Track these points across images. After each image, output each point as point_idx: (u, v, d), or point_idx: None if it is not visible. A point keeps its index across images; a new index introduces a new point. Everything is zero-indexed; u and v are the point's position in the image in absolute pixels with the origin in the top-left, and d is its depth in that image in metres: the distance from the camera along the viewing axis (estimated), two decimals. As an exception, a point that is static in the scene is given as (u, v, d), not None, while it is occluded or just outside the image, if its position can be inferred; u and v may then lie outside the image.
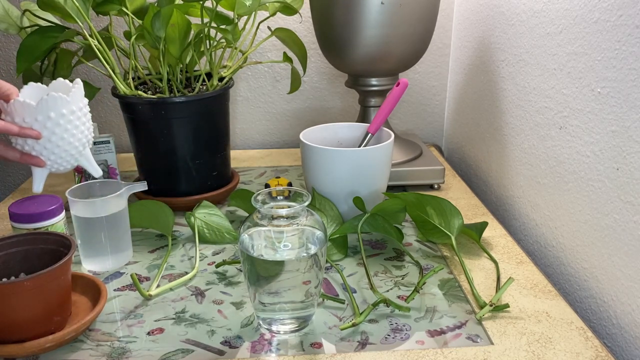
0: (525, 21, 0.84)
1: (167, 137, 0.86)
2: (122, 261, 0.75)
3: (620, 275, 0.64)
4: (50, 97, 0.66)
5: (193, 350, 0.58)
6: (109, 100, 1.17)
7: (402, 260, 0.75)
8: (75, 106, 0.68)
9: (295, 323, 0.61)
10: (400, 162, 0.95)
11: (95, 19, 1.09)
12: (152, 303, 0.66)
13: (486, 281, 0.70)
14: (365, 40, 0.88)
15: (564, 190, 0.75)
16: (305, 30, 1.13)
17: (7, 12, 0.85)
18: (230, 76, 0.92)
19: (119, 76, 0.86)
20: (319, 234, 0.60)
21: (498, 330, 0.60)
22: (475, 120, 1.06)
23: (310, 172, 0.81)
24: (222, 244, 0.80)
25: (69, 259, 0.59)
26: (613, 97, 0.64)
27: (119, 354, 0.58)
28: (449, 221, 0.76)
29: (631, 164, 0.61)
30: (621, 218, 0.64)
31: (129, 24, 0.87)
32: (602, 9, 0.65)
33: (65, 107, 0.67)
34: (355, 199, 0.76)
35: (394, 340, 0.59)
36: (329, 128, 0.88)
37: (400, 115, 1.23)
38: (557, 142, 0.77)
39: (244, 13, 0.87)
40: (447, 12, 1.15)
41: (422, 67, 1.19)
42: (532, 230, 0.85)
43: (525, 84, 0.85)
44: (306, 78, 1.18)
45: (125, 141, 1.19)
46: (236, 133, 1.21)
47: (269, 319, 0.61)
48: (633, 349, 0.63)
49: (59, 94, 0.65)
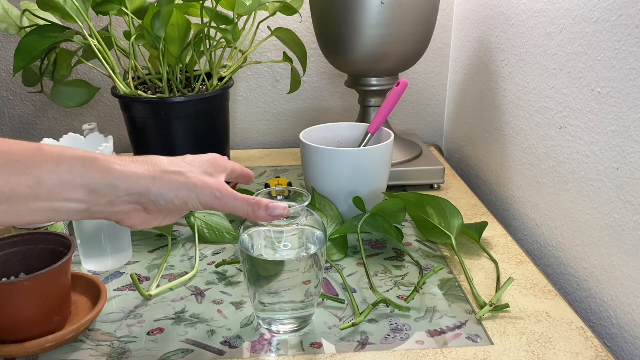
0: (525, 21, 0.84)
1: (167, 137, 0.86)
2: (122, 261, 0.75)
3: (620, 275, 0.64)
4: None
5: (193, 350, 0.58)
6: (109, 100, 1.17)
7: (402, 260, 0.75)
8: None
9: (295, 323, 0.61)
10: (400, 162, 0.95)
11: (95, 19, 1.09)
12: (152, 303, 0.66)
13: (486, 281, 0.70)
14: (365, 40, 0.88)
15: (564, 190, 0.75)
16: (305, 30, 1.13)
17: (7, 12, 0.85)
18: (230, 76, 0.92)
19: (119, 76, 0.86)
20: (319, 234, 0.60)
21: (498, 330, 0.60)
22: (475, 120, 1.06)
23: (310, 172, 0.81)
24: (222, 244, 0.80)
25: (69, 259, 0.59)
26: (613, 97, 0.64)
27: (119, 354, 0.58)
28: (449, 221, 0.76)
29: (631, 164, 0.61)
30: (621, 218, 0.64)
31: (129, 24, 0.87)
32: (602, 9, 0.65)
33: None
34: (355, 199, 0.76)
35: (394, 340, 0.59)
36: (329, 128, 0.88)
37: (400, 115, 1.23)
38: (557, 142, 0.77)
39: (244, 13, 0.87)
40: (447, 12, 1.15)
41: (422, 67, 1.19)
42: (532, 230, 0.85)
43: (525, 84, 0.85)
44: (306, 78, 1.18)
45: (125, 141, 1.19)
46: (236, 133, 1.21)
47: (269, 319, 0.61)
48: (633, 349, 0.63)
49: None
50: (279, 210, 0.52)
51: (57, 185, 0.45)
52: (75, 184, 0.46)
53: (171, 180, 0.50)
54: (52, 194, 0.45)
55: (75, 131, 0.87)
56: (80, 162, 0.46)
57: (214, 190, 0.51)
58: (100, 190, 0.47)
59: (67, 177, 0.45)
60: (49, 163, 0.45)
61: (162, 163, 0.51)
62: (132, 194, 0.48)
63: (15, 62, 0.81)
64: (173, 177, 0.50)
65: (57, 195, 0.45)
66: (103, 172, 0.47)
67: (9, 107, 1.16)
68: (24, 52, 0.81)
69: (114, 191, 0.48)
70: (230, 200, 0.51)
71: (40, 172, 0.44)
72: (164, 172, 0.50)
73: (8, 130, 1.18)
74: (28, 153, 0.44)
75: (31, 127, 1.18)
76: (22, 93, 1.15)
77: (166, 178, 0.50)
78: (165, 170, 0.50)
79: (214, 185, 0.51)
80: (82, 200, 0.47)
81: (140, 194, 0.49)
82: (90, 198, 0.47)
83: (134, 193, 0.49)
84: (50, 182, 0.45)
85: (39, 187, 0.44)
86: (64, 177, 0.45)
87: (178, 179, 0.50)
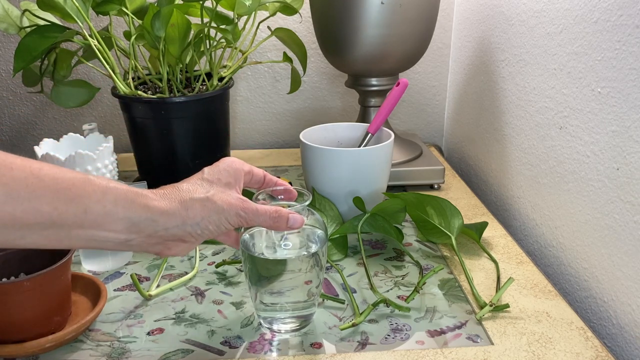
0: (525, 21, 0.84)
1: (167, 137, 0.86)
2: (122, 261, 0.75)
3: (620, 275, 0.64)
4: (77, 154, 0.74)
5: (193, 350, 0.58)
6: (109, 100, 1.17)
7: (402, 260, 0.75)
8: (101, 163, 0.77)
9: (296, 322, 0.61)
10: (400, 162, 0.95)
11: (95, 19, 1.09)
12: (152, 303, 0.66)
13: (486, 281, 0.70)
14: (365, 40, 0.88)
15: (564, 190, 0.75)
16: (305, 30, 1.13)
17: (7, 12, 0.85)
18: (230, 76, 0.92)
19: (118, 76, 0.86)
20: (320, 233, 0.60)
21: (498, 330, 0.60)
22: (475, 120, 1.06)
23: (310, 172, 0.81)
24: (222, 244, 0.80)
25: (69, 259, 0.59)
26: (613, 97, 0.64)
27: (119, 354, 0.58)
28: (449, 221, 0.75)
29: (631, 164, 0.61)
30: (621, 218, 0.63)
31: (129, 24, 0.87)
32: (602, 9, 0.65)
33: (91, 164, 0.76)
34: (355, 199, 0.76)
35: (394, 340, 0.59)
36: (329, 128, 0.88)
37: (400, 115, 1.23)
38: (557, 142, 0.77)
39: (244, 13, 0.87)
40: (447, 12, 1.15)
41: (422, 67, 1.19)
42: (532, 230, 0.85)
43: (525, 84, 0.85)
44: (306, 78, 1.18)
45: (125, 141, 1.19)
46: (236, 133, 1.21)
47: (270, 318, 0.61)
48: (633, 349, 0.63)
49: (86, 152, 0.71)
50: (297, 223, 0.55)
51: (102, 215, 0.46)
52: (118, 216, 0.47)
53: (202, 208, 0.51)
54: (96, 224, 0.46)
55: (75, 131, 0.87)
56: (123, 195, 0.48)
57: (238, 210, 0.52)
58: (140, 224, 0.49)
59: (112, 209, 0.47)
60: (97, 193, 0.46)
61: (188, 191, 0.52)
62: (168, 228, 0.50)
63: (15, 62, 0.81)
64: (202, 205, 0.51)
65: (100, 225, 0.47)
66: (143, 207, 0.48)
67: (9, 107, 1.16)
68: (24, 52, 0.81)
69: (153, 226, 0.49)
70: (254, 216, 0.53)
71: (89, 202, 0.46)
72: (194, 201, 0.51)
73: (8, 130, 1.18)
74: (77, 182, 0.46)
75: (31, 127, 1.18)
76: (22, 93, 1.15)
77: (197, 207, 0.51)
78: (194, 199, 0.51)
79: (238, 204, 0.53)
80: (122, 231, 0.48)
81: (177, 226, 0.50)
82: (130, 230, 0.48)
83: (170, 227, 0.50)
84: (96, 211, 0.46)
85: (84, 216, 0.46)
86: (109, 209, 0.47)
87: (207, 205, 0.51)
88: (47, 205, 0.44)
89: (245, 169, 0.57)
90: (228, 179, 0.54)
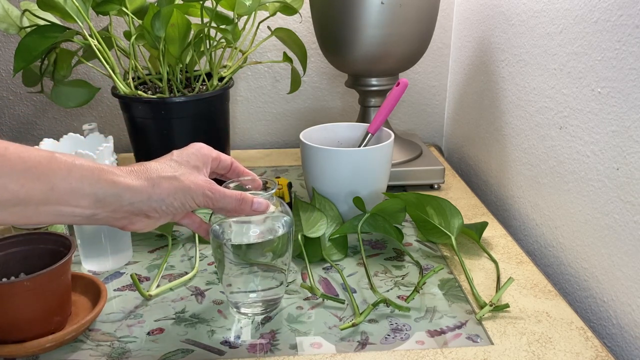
0: (525, 21, 0.84)
1: (167, 137, 0.86)
2: (122, 261, 0.75)
3: (620, 275, 0.64)
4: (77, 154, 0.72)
5: (193, 350, 0.58)
6: (109, 100, 1.17)
7: (402, 260, 0.75)
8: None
9: (263, 306, 0.63)
10: (400, 162, 0.95)
11: (95, 19, 1.09)
12: (152, 303, 0.66)
13: (486, 281, 0.70)
14: (365, 40, 0.88)
15: (564, 190, 0.75)
16: (305, 30, 1.13)
17: (7, 12, 0.85)
18: (230, 76, 0.92)
19: (118, 76, 0.86)
20: (287, 219, 0.62)
21: (498, 330, 0.60)
22: (475, 120, 1.06)
23: (310, 172, 0.81)
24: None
25: (69, 259, 0.59)
26: (613, 97, 0.64)
27: (119, 354, 0.58)
28: (449, 221, 0.76)
29: (631, 164, 0.61)
30: (621, 218, 0.64)
31: (129, 24, 0.87)
32: (602, 9, 0.65)
33: None
34: (355, 199, 0.76)
35: (394, 340, 0.59)
36: (329, 128, 0.88)
37: (400, 115, 1.23)
38: (557, 142, 0.77)
39: (244, 13, 0.87)
40: (447, 12, 1.15)
41: (422, 67, 1.19)
42: (532, 230, 0.85)
43: (525, 84, 0.85)
44: (306, 78, 1.18)
45: (125, 141, 1.19)
46: (236, 133, 1.21)
47: (237, 302, 0.63)
48: (633, 349, 0.63)
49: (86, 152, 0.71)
50: (262, 207, 0.58)
51: (68, 192, 0.48)
52: (84, 192, 0.49)
53: (168, 186, 0.53)
54: (62, 200, 0.48)
55: (75, 131, 0.87)
56: (89, 172, 0.49)
57: (205, 190, 0.55)
58: (106, 199, 0.50)
59: (78, 185, 0.48)
60: (62, 170, 0.48)
61: (156, 170, 0.54)
62: (134, 202, 0.52)
63: (15, 62, 0.81)
64: (169, 183, 0.53)
65: (66, 201, 0.48)
66: (109, 183, 0.50)
67: (9, 107, 1.16)
68: (24, 52, 0.81)
69: (118, 201, 0.51)
70: (220, 197, 0.56)
71: (55, 179, 0.47)
72: (161, 179, 0.53)
73: (8, 130, 1.18)
74: (43, 160, 0.47)
75: (31, 127, 1.18)
76: (22, 93, 1.15)
77: (164, 184, 0.53)
78: (161, 177, 0.53)
79: (205, 185, 0.55)
80: (88, 207, 0.50)
81: (142, 201, 0.52)
82: (96, 206, 0.50)
83: (136, 202, 0.52)
84: (62, 188, 0.48)
85: (51, 193, 0.47)
86: (74, 185, 0.48)
87: (174, 183, 0.54)
88: (14, 183, 0.45)
89: (213, 154, 0.59)
90: (196, 163, 0.57)
